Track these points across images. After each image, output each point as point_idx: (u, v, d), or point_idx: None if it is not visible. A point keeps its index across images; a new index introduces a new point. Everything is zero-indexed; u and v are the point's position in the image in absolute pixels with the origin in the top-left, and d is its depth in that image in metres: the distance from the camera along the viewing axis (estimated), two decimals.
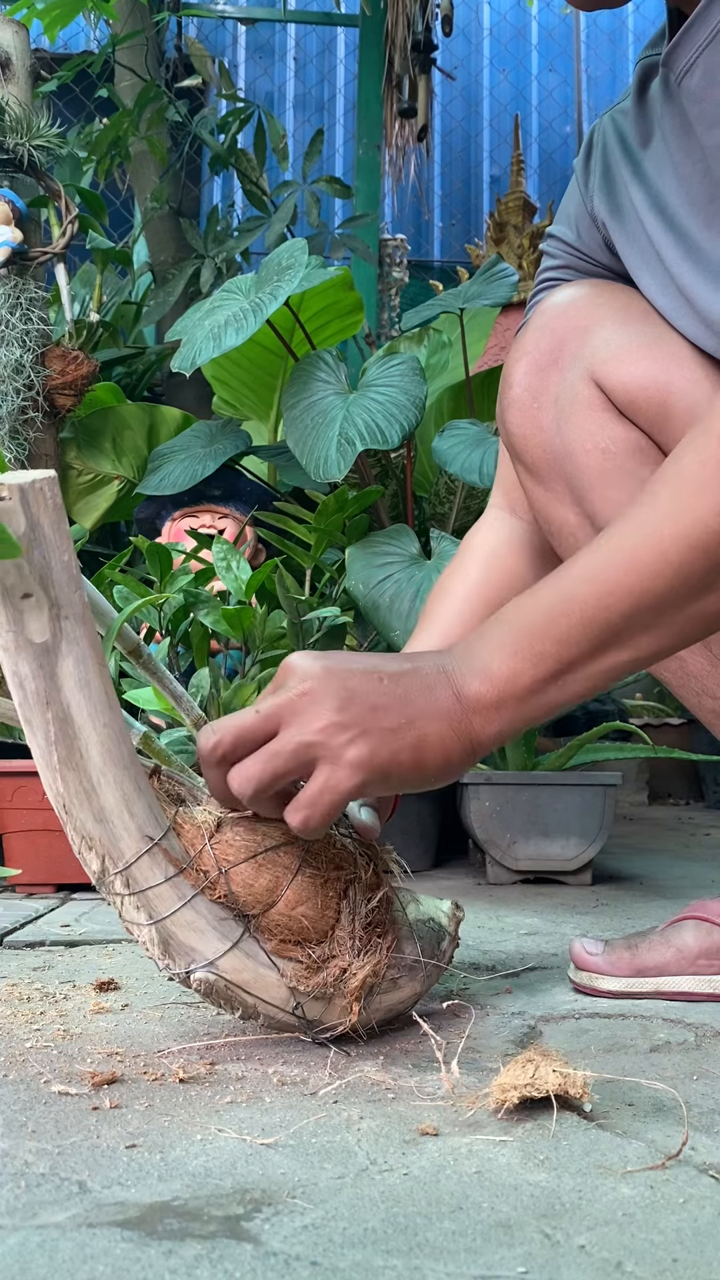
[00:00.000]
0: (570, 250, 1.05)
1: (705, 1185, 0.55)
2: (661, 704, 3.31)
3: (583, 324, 0.96)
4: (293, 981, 0.74)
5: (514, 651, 0.72)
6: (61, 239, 1.98)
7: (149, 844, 0.71)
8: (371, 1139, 0.61)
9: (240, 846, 0.75)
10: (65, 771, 0.69)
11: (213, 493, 2.09)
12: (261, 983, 0.74)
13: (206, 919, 0.73)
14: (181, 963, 0.72)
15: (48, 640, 0.67)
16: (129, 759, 0.71)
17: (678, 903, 1.40)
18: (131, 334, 2.85)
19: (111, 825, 0.70)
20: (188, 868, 0.73)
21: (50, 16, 2.95)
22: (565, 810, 1.60)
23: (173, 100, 2.93)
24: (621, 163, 0.99)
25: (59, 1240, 0.49)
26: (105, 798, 0.70)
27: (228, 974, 0.73)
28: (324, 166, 4.80)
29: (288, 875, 0.75)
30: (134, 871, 0.71)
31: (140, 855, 0.71)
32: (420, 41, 3.78)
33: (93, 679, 0.69)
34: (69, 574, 0.68)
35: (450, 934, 0.88)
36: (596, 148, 1.02)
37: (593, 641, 0.72)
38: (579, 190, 1.04)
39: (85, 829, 0.70)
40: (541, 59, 5.27)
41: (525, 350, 1.00)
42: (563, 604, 0.72)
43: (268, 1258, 0.47)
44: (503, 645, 0.72)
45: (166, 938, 0.72)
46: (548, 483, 0.99)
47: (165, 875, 0.72)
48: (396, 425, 1.76)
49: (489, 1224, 0.51)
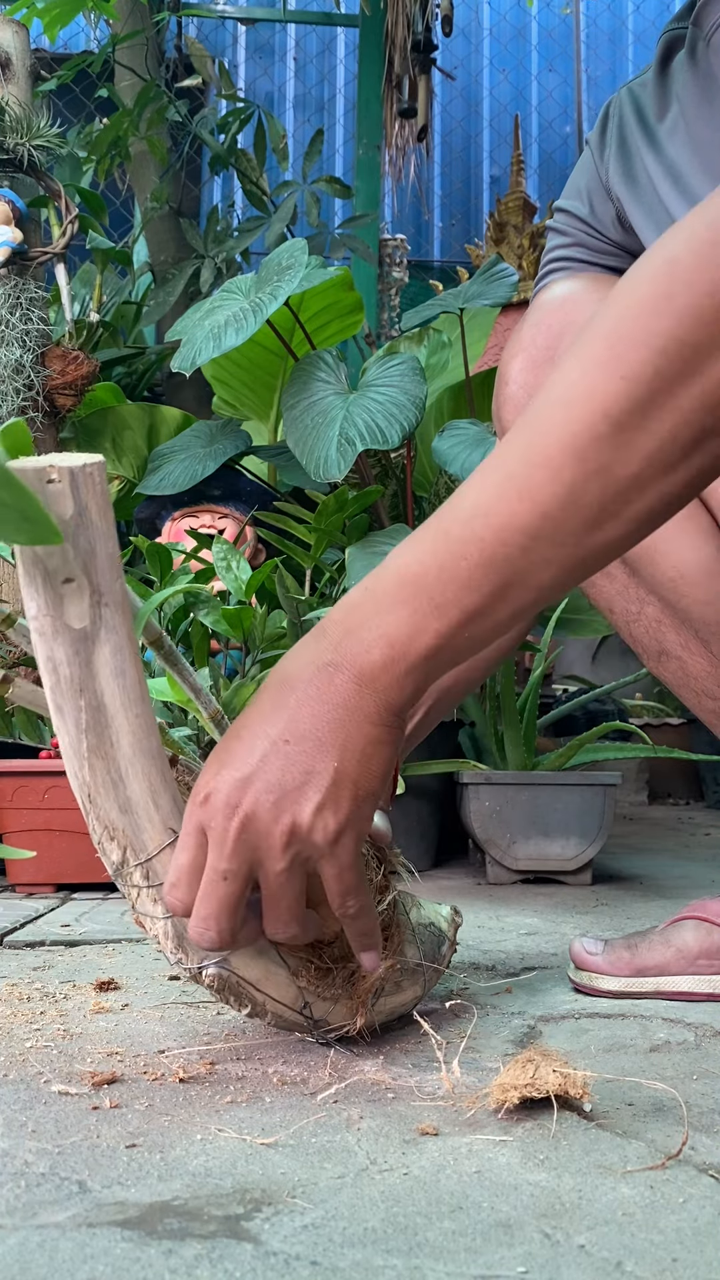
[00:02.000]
0: (581, 225, 1.04)
1: (705, 1185, 0.55)
2: (661, 704, 3.31)
3: (578, 319, 0.96)
4: (303, 981, 0.74)
5: (412, 609, 0.64)
6: (61, 239, 1.98)
7: (172, 836, 0.70)
8: (371, 1139, 0.61)
9: None
10: (94, 760, 0.69)
11: (213, 493, 2.09)
12: (272, 980, 0.74)
13: None
14: (194, 958, 0.72)
15: (86, 627, 0.67)
16: (157, 750, 0.70)
17: (678, 903, 1.40)
18: (131, 334, 2.86)
19: (136, 816, 0.70)
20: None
21: (50, 16, 2.96)
22: (565, 810, 1.60)
23: (173, 100, 2.93)
24: (638, 133, 0.98)
25: (59, 1240, 0.49)
26: (132, 788, 0.69)
27: (240, 970, 0.73)
28: (324, 166, 4.80)
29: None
30: (155, 864, 0.70)
31: (163, 848, 0.70)
32: (420, 41, 3.78)
33: (129, 668, 0.68)
34: (112, 561, 0.67)
35: (449, 939, 0.88)
36: (613, 120, 1.02)
37: (496, 582, 0.63)
38: (593, 162, 1.03)
39: (109, 819, 0.70)
40: (541, 59, 5.27)
41: (522, 346, 0.99)
42: (459, 544, 0.63)
43: (268, 1257, 0.47)
44: (396, 602, 0.64)
45: (182, 932, 0.72)
46: None
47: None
48: (396, 425, 1.76)
49: (489, 1224, 0.51)
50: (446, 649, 0.65)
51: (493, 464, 0.65)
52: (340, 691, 0.65)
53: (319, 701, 0.65)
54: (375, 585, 0.66)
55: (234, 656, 1.72)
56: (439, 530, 0.65)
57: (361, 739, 0.65)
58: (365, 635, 0.64)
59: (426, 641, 0.64)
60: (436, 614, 0.64)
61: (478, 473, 0.65)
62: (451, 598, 0.63)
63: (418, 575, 0.64)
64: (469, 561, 0.63)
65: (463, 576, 0.63)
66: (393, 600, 0.64)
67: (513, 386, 0.99)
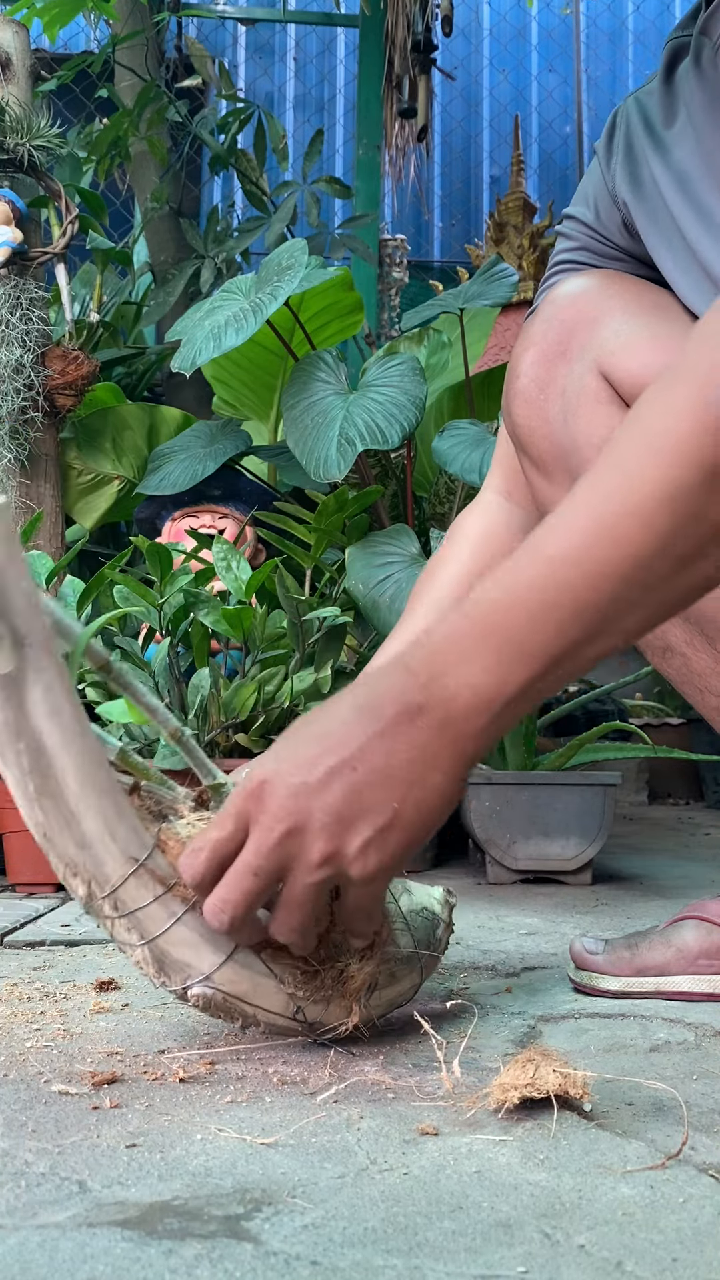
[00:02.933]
0: (587, 231, 1.04)
1: (705, 1185, 0.55)
2: (661, 704, 3.31)
3: (592, 315, 0.95)
4: (291, 987, 0.74)
5: (499, 658, 0.64)
6: (61, 239, 1.98)
7: (134, 865, 0.70)
8: (371, 1139, 0.61)
9: None
10: (43, 801, 0.68)
11: (213, 493, 2.09)
12: (260, 991, 0.74)
13: (199, 933, 0.72)
14: (177, 979, 0.72)
15: (12, 671, 0.66)
16: (107, 783, 0.70)
17: (678, 903, 1.40)
18: (131, 334, 2.85)
19: (95, 850, 0.69)
20: (176, 884, 0.71)
21: (50, 16, 2.96)
22: (565, 810, 1.60)
23: (173, 100, 2.93)
24: (645, 141, 0.98)
25: (59, 1240, 0.49)
26: (86, 824, 0.69)
27: (225, 986, 0.72)
28: (324, 166, 4.80)
29: None
30: (121, 894, 0.70)
31: (126, 878, 0.70)
32: (420, 42, 3.78)
33: (63, 706, 0.67)
34: (29, 601, 0.66)
35: (445, 921, 0.87)
36: (619, 128, 1.02)
37: (585, 630, 0.64)
38: (600, 170, 1.03)
39: (68, 856, 0.70)
40: (541, 59, 5.27)
41: (533, 340, 0.98)
42: (550, 592, 0.64)
43: (268, 1257, 0.47)
44: (483, 650, 0.64)
45: (160, 956, 0.72)
46: (553, 476, 0.98)
47: (154, 895, 0.71)
48: (396, 425, 1.76)
49: (489, 1223, 0.51)
50: (529, 695, 0.65)
51: (580, 508, 0.65)
52: (419, 735, 0.65)
53: (396, 739, 0.65)
54: (463, 628, 0.66)
55: (234, 656, 1.72)
56: (528, 576, 0.65)
57: (426, 788, 0.66)
58: (451, 682, 0.65)
59: (511, 690, 0.64)
60: (523, 662, 0.64)
61: (564, 516, 0.65)
62: (539, 646, 0.64)
63: (505, 624, 0.64)
64: (561, 611, 0.63)
65: (553, 625, 0.64)
66: (480, 648, 0.64)
67: (524, 380, 0.99)
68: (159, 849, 0.72)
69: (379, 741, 0.65)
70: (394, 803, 0.65)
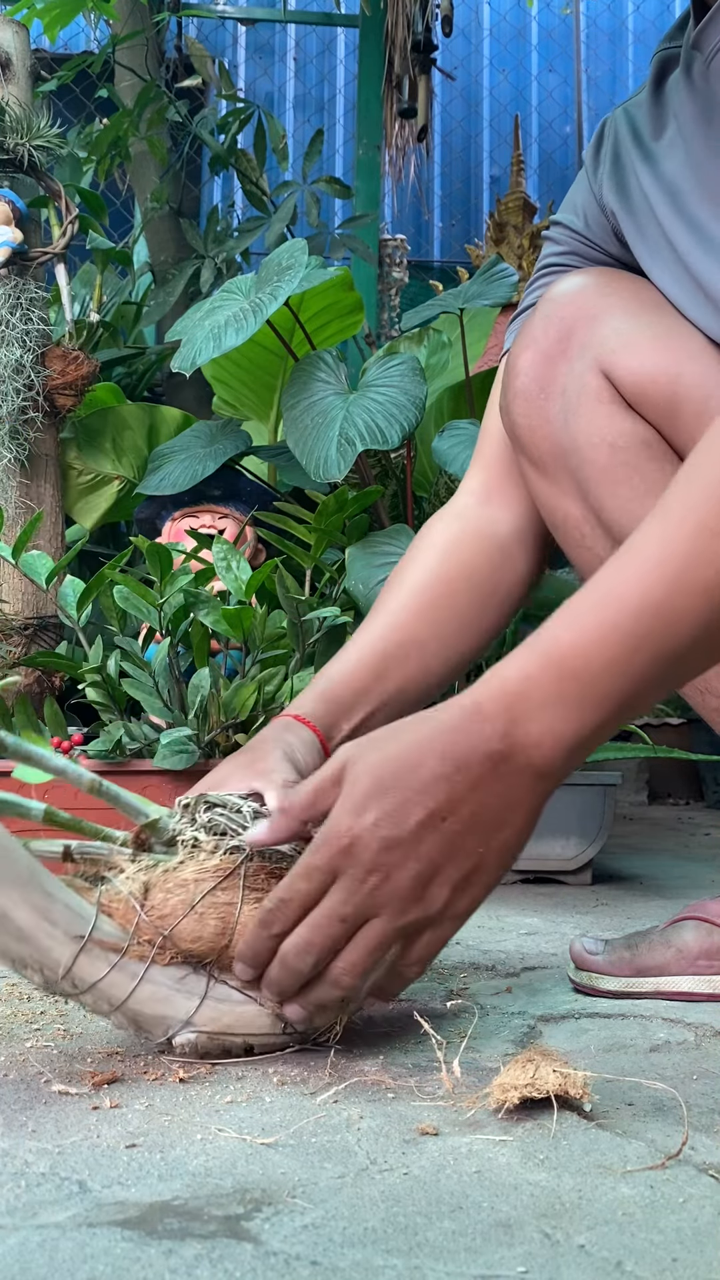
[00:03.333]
0: (576, 236, 1.03)
1: (705, 1185, 0.55)
2: (661, 704, 3.30)
3: (592, 313, 0.95)
4: (272, 1004, 0.73)
5: (578, 704, 0.65)
6: (61, 239, 1.98)
7: (81, 943, 0.69)
8: (371, 1139, 0.61)
9: (175, 904, 0.72)
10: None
11: (213, 493, 2.09)
12: (244, 1020, 0.73)
13: (167, 985, 0.72)
14: (158, 1031, 0.72)
15: None
16: (28, 872, 0.68)
17: (678, 903, 1.40)
18: (131, 334, 2.85)
19: (36, 940, 0.68)
20: (130, 945, 0.71)
21: (50, 16, 2.95)
22: (565, 810, 1.60)
23: (173, 100, 2.93)
24: (633, 152, 0.98)
25: (59, 1240, 0.49)
26: (18, 918, 0.68)
27: (208, 1026, 0.72)
28: (324, 167, 4.80)
29: (233, 911, 0.73)
30: (76, 973, 0.69)
31: (76, 957, 0.69)
32: (420, 42, 3.78)
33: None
34: None
35: None
36: (607, 139, 1.02)
37: (662, 674, 0.66)
38: (588, 180, 1.03)
39: (12, 952, 0.69)
40: (541, 59, 5.26)
41: (533, 339, 0.97)
42: (632, 639, 0.65)
43: (268, 1257, 0.47)
44: (561, 697, 0.65)
45: (134, 1017, 0.71)
46: (553, 476, 0.97)
47: (109, 964, 0.70)
48: (396, 425, 1.76)
49: (489, 1224, 0.51)
50: (605, 734, 0.67)
51: (652, 551, 0.66)
52: (503, 783, 0.67)
53: (483, 789, 0.66)
54: (538, 674, 0.66)
55: (234, 656, 1.72)
56: (606, 622, 0.65)
57: (510, 830, 0.68)
58: (532, 729, 0.66)
59: (589, 732, 0.66)
60: (600, 705, 0.65)
61: (639, 558, 0.66)
62: (617, 690, 0.65)
63: (583, 670, 0.65)
64: (640, 656, 0.65)
65: (634, 672, 0.65)
66: (558, 695, 0.65)
67: (523, 379, 0.98)
68: (103, 913, 0.71)
69: (467, 792, 0.66)
70: (480, 848, 0.67)
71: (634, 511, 0.92)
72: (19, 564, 1.63)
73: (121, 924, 0.71)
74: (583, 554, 0.97)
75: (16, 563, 1.62)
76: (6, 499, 1.93)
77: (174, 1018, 0.72)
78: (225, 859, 0.74)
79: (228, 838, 0.75)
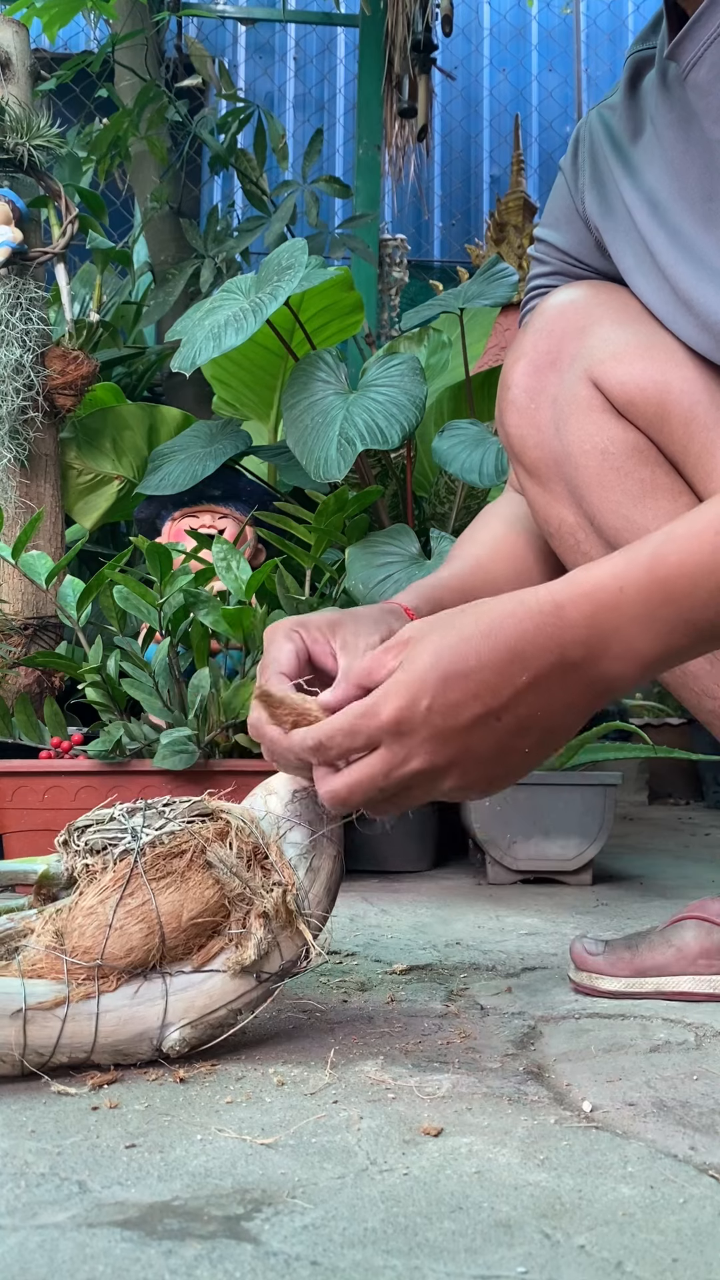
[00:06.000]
0: (560, 255, 1.05)
1: (705, 1185, 0.55)
2: (661, 704, 3.31)
3: (581, 324, 0.96)
4: (236, 965, 0.73)
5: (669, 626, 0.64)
6: (61, 239, 1.98)
7: (20, 1017, 0.69)
8: (371, 1139, 0.61)
9: (92, 931, 0.72)
10: None
11: (213, 493, 2.09)
12: (220, 992, 0.73)
13: (126, 1006, 0.72)
14: (144, 1048, 0.72)
15: None
16: None
17: (678, 903, 1.40)
18: (131, 334, 2.85)
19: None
20: (69, 994, 0.70)
21: (50, 16, 2.95)
22: (565, 810, 1.60)
23: (173, 100, 2.93)
24: (611, 159, 0.98)
25: (59, 1240, 0.49)
26: None
27: (186, 1018, 0.72)
28: (324, 166, 4.80)
29: (150, 907, 0.73)
30: (33, 1045, 0.69)
31: (24, 1031, 0.69)
32: (420, 41, 3.78)
33: None
34: None
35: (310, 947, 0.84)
36: (584, 144, 1.02)
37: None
38: (568, 189, 1.03)
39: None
40: (541, 59, 5.27)
41: (524, 351, 1.00)
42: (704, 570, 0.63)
43: (268, 1257, 0.47)
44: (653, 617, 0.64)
45: (113, 1048, 0.72)
46: (547, 483, 0.99)
47: (60, 1021, 0.70)
48: (396, 425, 1.76)
49: (489, 1224, 0.51)
50: (682, 659, 0.66)
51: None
52: (569, 691, 0.66)
53: (543, 693, 0.65)
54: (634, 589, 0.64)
55: (234, 656, 1.72)
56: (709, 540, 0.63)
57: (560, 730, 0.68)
58: (615, 646, 0.64)
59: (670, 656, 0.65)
60: (686, 631, 0.64)
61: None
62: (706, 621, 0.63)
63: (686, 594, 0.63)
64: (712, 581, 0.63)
65: (704, 596, 0.63)
66: (649, 615, 0.63)
67: (515, 390, 1.00)
68: (31, 978, 0.70)
69: (528, 695, 0.65)
70: (526, 748, 0.67)
71: (627, 515, 0.93)
72: (19, 564, 1.63)
73: (55, 979, 0.71)
74: (578, 559, 0.98)
75: (16, 563, 1.62)
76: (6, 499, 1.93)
77: (150, 1029, 0.72)
78: (119, 867, 0.74)
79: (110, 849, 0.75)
